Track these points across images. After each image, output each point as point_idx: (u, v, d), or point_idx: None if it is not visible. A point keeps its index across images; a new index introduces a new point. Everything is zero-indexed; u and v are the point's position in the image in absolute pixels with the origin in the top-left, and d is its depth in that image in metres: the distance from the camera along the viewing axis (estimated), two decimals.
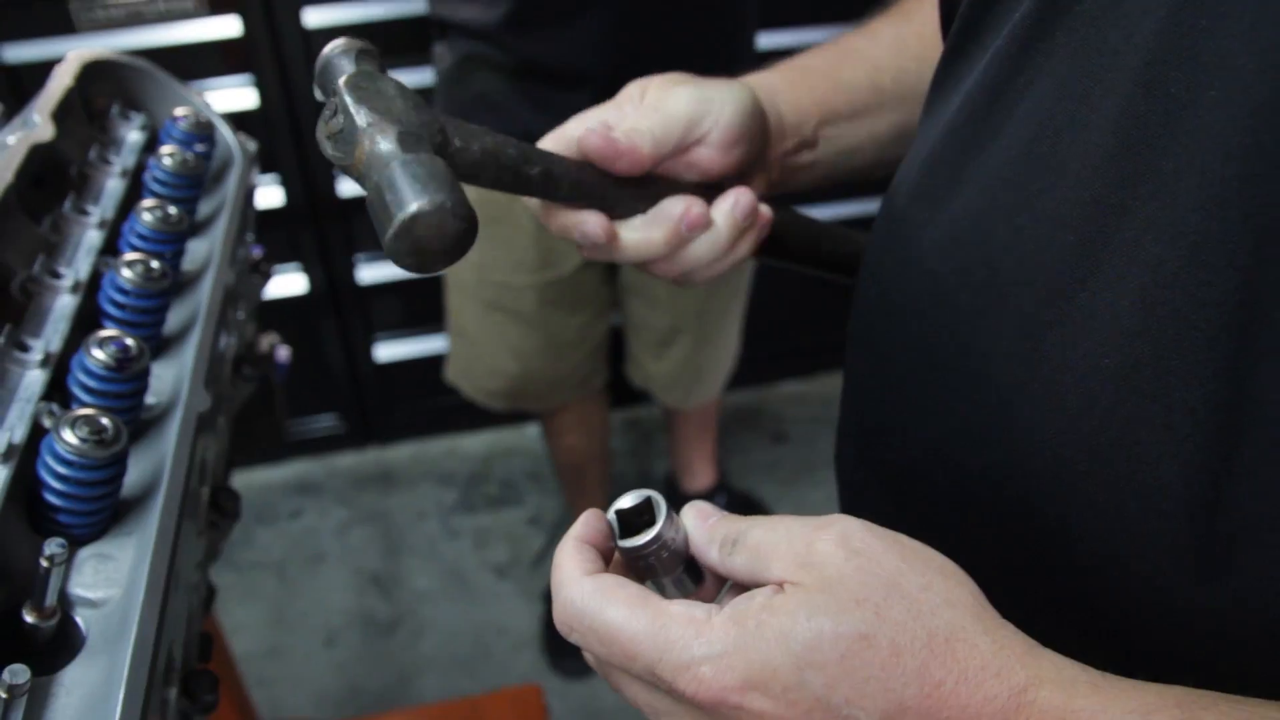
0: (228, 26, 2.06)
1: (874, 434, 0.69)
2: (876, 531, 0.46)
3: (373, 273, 2.40)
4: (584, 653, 0.51)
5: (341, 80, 0.64)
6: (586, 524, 0.52)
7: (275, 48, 2.09)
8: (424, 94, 0.68)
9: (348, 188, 2.27)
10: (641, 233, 0.73)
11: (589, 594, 0.48)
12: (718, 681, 0.44)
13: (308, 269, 2.37)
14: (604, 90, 1.59)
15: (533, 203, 0.75)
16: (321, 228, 2.31)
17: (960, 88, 0.59)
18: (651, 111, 0.72)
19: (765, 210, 0.76)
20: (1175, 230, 0.44)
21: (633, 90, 0.76)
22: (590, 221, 0.72)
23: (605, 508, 2.05)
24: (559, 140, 0.73)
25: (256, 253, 1.05)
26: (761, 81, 0.79)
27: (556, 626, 0.50)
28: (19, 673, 0.48)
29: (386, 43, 2.19)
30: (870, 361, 0.69)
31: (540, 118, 1.58)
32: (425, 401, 2.67)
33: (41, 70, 2.08)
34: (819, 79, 0.81)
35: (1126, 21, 0.47)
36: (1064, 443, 0.51)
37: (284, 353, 1.21)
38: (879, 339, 0.67)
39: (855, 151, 0.84)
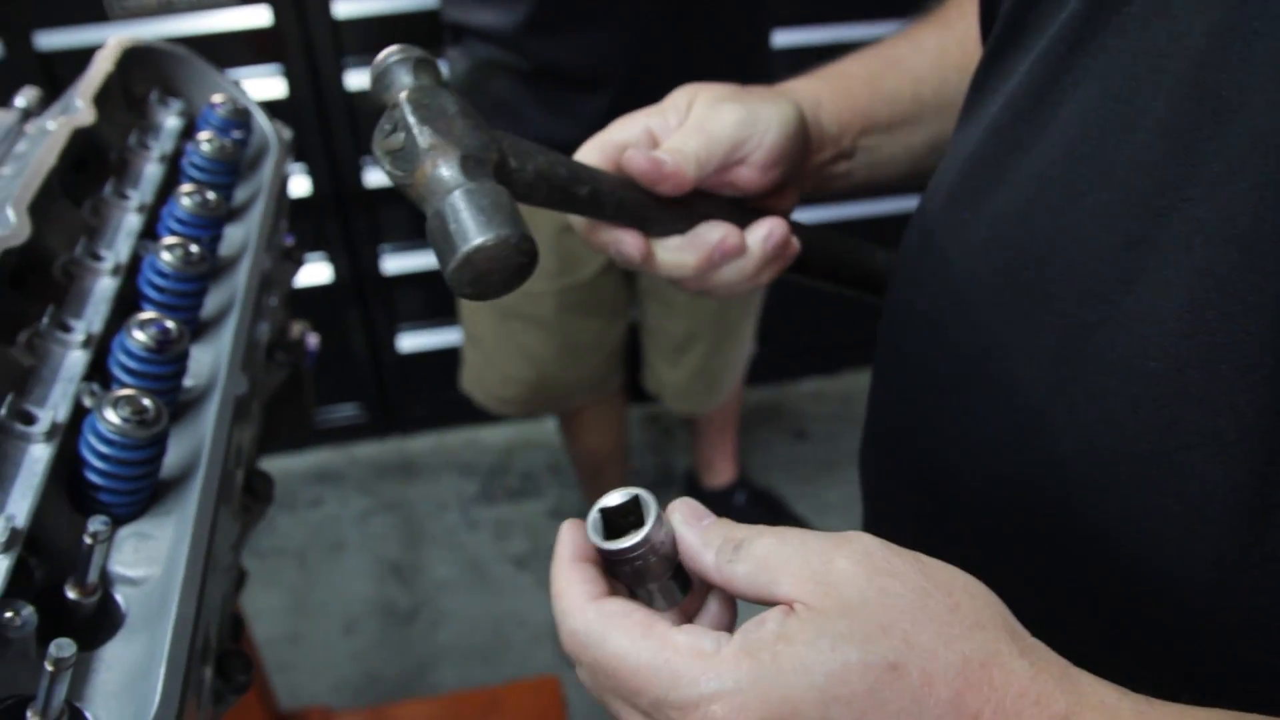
0: (258, 16, 2.07)
1: (903, 436, 0.69)
2: (898, 550, 0.44)
3: (397, 263, 2.41)
4: (586, 684, 0.49)
5: (403, 95, 0.63)
6: (574, 539, 0.49)
7: (305, 38, 2.10)
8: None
9: (374, 178, 2.28)
10: (676, 255, 0.74)
11: (592, 621, 0.45)
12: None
13: (333, 258, 2.38)
14: (622, 93, 1.60)
15: (575, 219, 0.75)
16: (347, 217, 2.33)
17: (1002, 88, 0.59)
18: (697, 131, 0.72)
19: (795, 243, 0.77)
20: (1225, 233, 0.44)
21: (679, 99, 0.76)
22: (628, 241, 0.73)
23: None
24: (603, 145, 0.73)
25: (288, 240, 1.06)
26: (806, 92, 0.78)
27: (565, 653, 0.48)
28: (65, 646, 0.48)
29: (417, 36, 2.20)
30: (902, 363, 0.68)
31: (558, 122, 1.58)
32: (447, 392, 2.67)
33: (74, 57, 2.10)
34: (862, 88, 0.81)
35: (1176, 23, 0.47)
36: (1105, 446, 0.50)
37: (313, 340, 1.22)
38: (913, 340, 0.67)
39: (890, 162, 0.84)
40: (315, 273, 2.38)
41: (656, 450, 2.68)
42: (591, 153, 0.73)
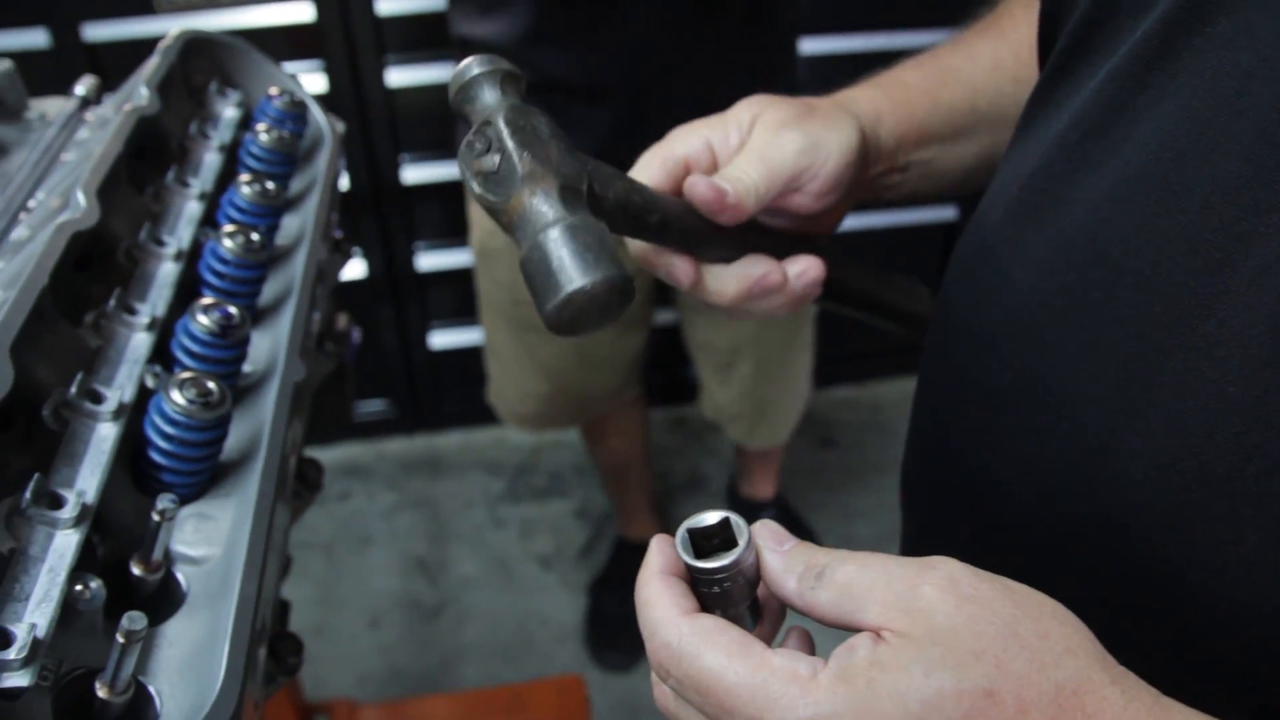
0: (301, 12, 2.09)
1: (952, 451, 0.68)
2: (983, 575, 0.44)
3: (431, 261, 2.43)
4: (660, 702, 0.49)
5: (500, 116, 0.61)
6: (663, 554, 0.48)
7: (347, 35, 2.12)
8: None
9: (411, 175, 2.30)
10: (719, 283, 0.74)
11: (686, 636, 0.44)
12: None
13: (368, 254, 2.40)
14: (625, 106, 1.58)
15: (633, 243, 0.74)
16: (383, 214, 2.34)
17: (1068, 105, 0.58)
18: (759, 161, 0.71)
19: (819, 288, 0.77)
20: None
21: (742, 114, 0.75)
22: (680, 266, 0.73)
23: (648, 507, 2.07)
24: (665, 159, 0.73)
25: (337, 233, 1.07)
26: (867, 106, 0.78)
27: (652, 667, 0.47)
28: (136, 619, 0.49)
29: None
30: (954, 377, 0.67)
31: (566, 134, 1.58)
32: (476, 390, 2.68)
33: (119, 49, 2.12)
34: (920, 100, 0.80)
35: (1262, 45, 0.46)
36: (1177, 471, 0.49)
37: (356, 334, 1.23)
38: (967, 355, 0.65)
39: (942, 174, 0.83)
40: (349, 268, 2.39)
41: (684, 454, 2.68)
42: (653, 163, 0.73)
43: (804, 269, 0.75)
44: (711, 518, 0.47)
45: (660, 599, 0.46)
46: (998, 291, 0.62)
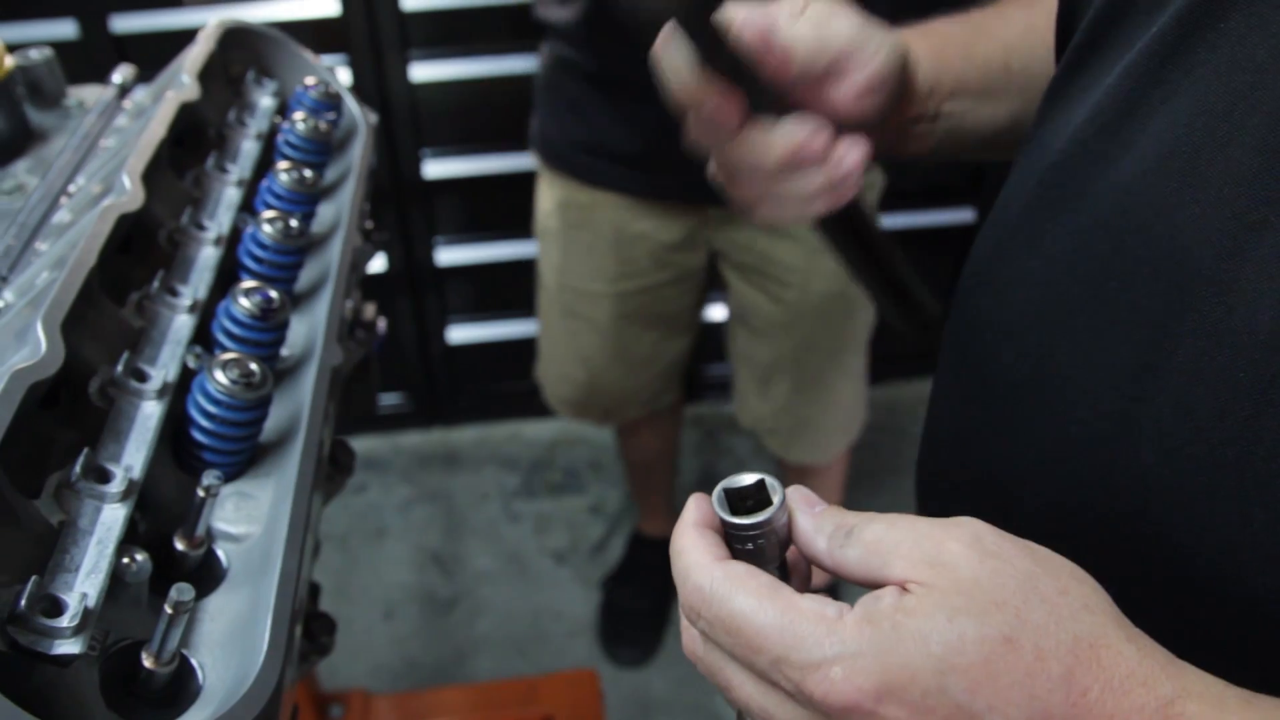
0: (326, 6, 2.11)
1: (970, 440, 0.68)
2: (1006, 535, 0.45)
3: (451, 255, 2.44)
4: (688, 647, 0.50)
5: None
6: (700, 509, 0.50)
7: (371, 29, 2.13)
8: (512, 82, 0.67)
9: (433, 170, 2.31)
10: (764, 139, 0.69)
11: (719, 580, 0.46)
12: (850, 684, 0.41)
13: (387, 248, 2.41)
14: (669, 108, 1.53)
15: (681, 65, 0.68)
16: (404, 208, 2.36)
17: (1084, 99, 0.59)
18: (812, 26, 0.69)
19: (857, 181, 0.72)
20: None
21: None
22: (726, 105, 0.68)
23: (668, 506, 2.07)
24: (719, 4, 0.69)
25: (368, 223, 1.08)
26: (908, 43, 0.76)
27: (683, 612, 0.49)
28: (185, 590, 0.50)
29: (485, 30, 2.23)
30: (973, 367, 0.68)
31: (621, 128, 1.59)
32: (493, 386, 2.71)
33: (146, 40, 2.14)
34: (955, 50, 0.79)
35: (1275, 39, 0.47)
36: (1188, 455, 0.51)
37: (382, 325, 1.24)
38: (985, 345, 0.66)
39: (969, 132, 0.82)
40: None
41: (699, 453, 2.69)
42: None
43: (850, 145, 0.70)
44: (748, 479, 0.49)
45: (695, 546, 0.48)
46: (1017, 284, 0.63)
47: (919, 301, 0.86)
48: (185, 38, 0.93)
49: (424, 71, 2.20)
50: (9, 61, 0.93)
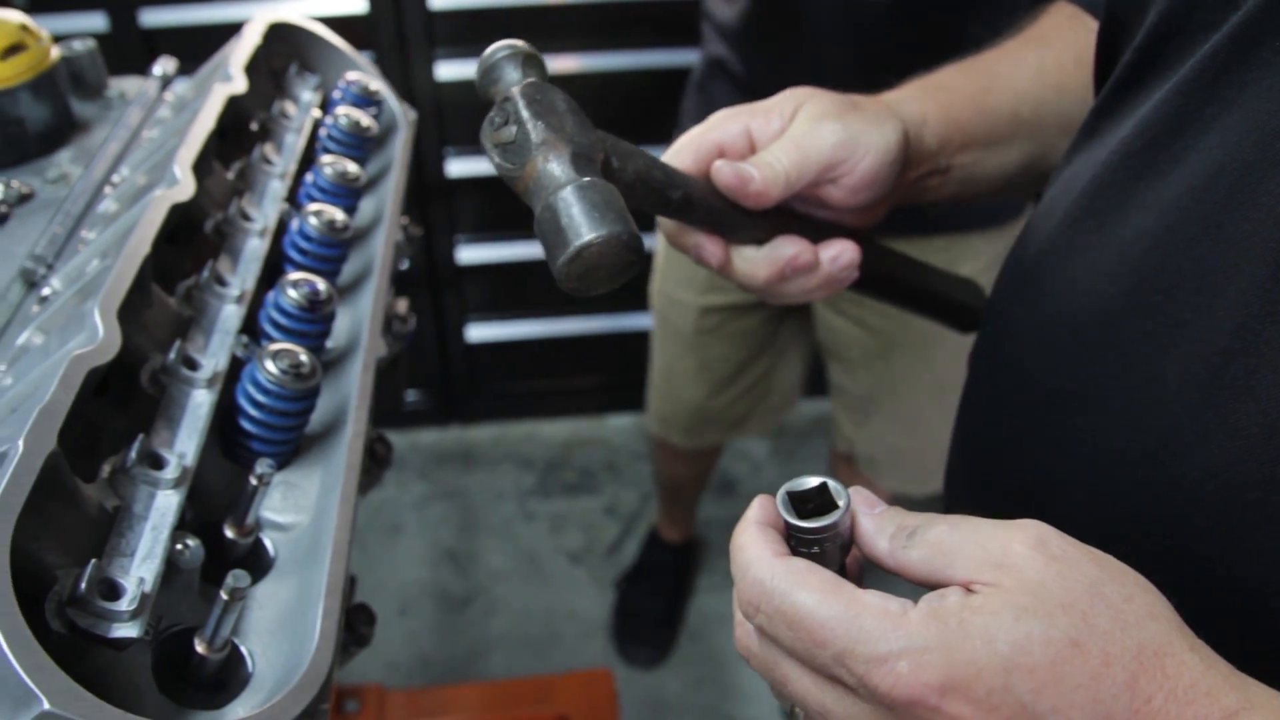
0: (354, 3, 2.12)
1: (1004, 450, 0.68)
2: (1071, 539, 0.45)
3: (471, 254, 2.45)
4: (740, 643, 0.50)
5: (516, 89, 0.64)
6: (764, 509, 0.50)
7: (398, 28, 2.14)
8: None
9: (455, 168, 2.32)
10: (750, 265, 0.75)
11: (780, 575, 0.46)
12: (916, 679, 0.41)
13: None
14: None
15: (665, 221, 0.75)
16: (426, 205, 2.36)
17: (1133, 115, 0.59)
18: (793, 148, 0.72)
19: (855, 272, 0.77)
20: None
21: (785, 103, 0.75)
22: (709, 247, 0.74)
23: (689, 516, 2.07)
24: (699, 145, 0.73)
25: (403, 219, 1.08)
26: (913, 109, 0.78)
27: (740, 607, 0.49)
28: (241, 578, 0.51)
29: (511, 30, 2.24)
30: (1009, 378, 0.68)
31: None
32: (510, 385, 2.71)
33: (175, 34, 2.14)
34: (965, 105, 0.81)
35: None
36: (1236, 471, 0.50)
37: (412, 320, 1.25)
38: (1023, 356, 0.66)
39: (982, 179, 0.83)
40: None
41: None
42: (686, 148, 0.73)
43: (838, 252, 0.75)
44: (810, 482, 0.49)
45: (756, 542, 0.48)
46: (1057, 295, 0.63)
47: (960, 304, 0.88)
48: (214, 32, 0.94)
49: (449, 70, 2.20)
50: (54, 52, 0.93)
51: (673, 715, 2.14)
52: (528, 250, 2.45)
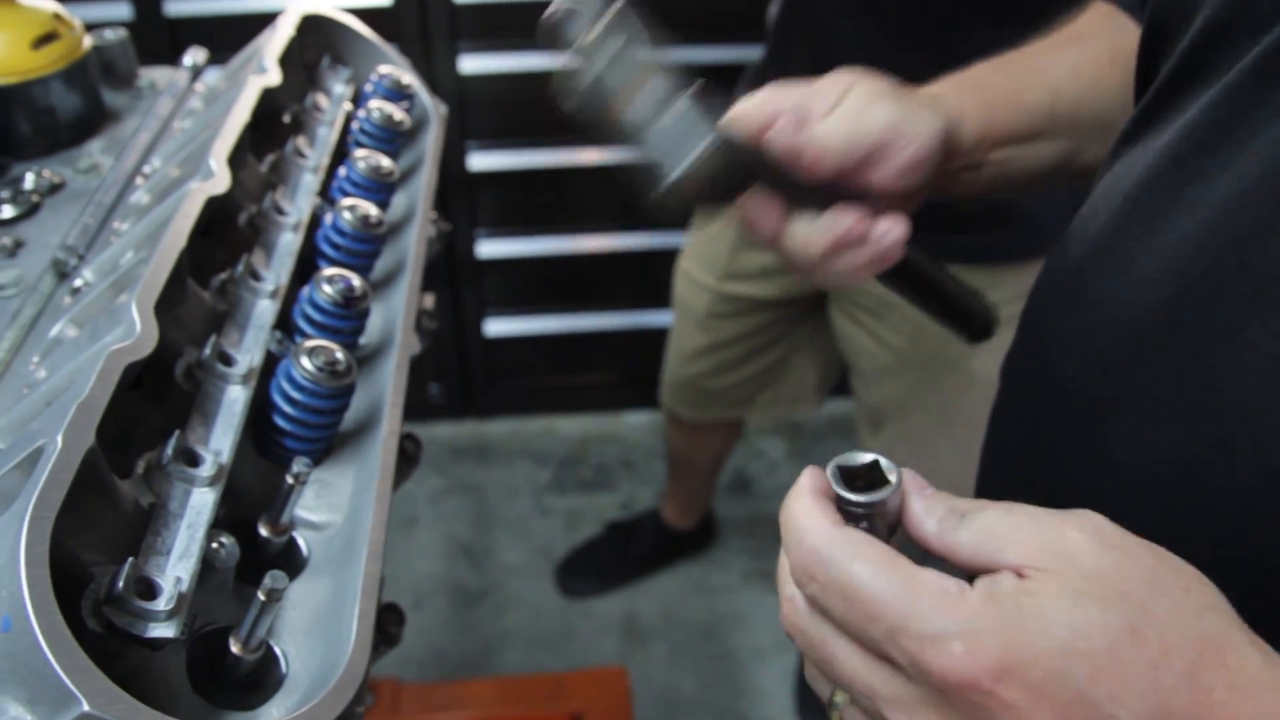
0: None
1: (1044, 457, 0.67)
2: (1126, 531, 0.44)
3: (491, 248, 2.44)
4: (787, 618, 0.49)
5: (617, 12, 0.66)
6: (816, 478, 0.48)
7: (422, 21, 2.14)
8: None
9: (477, 161, 2.31)
10: (807, 233, 0.73)
11: (838, 543, 0.44)
12: (972, 659, 0.40)
13: None
14: None
15: None
16: (446, 199, 2.36)
17: (1178, 119, 0.59)
18: (846, 123, 0.71)
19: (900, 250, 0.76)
20: None
21: (834, 85, 0.75)
22: (765, 210, 0.73)
23: (690, 512, 2.06)
24: (755, 105, 0.72)
25: (432, 214, 1.08)
26: (953, 104, 0.78)
27: (792, 574, 0.47)
28: (279, 579, 0.50)
29: (536, 24, 2.22)
30: (1050, 384, 0.67)
31: None
32: (527, 380, 2.71)
33: (199, 24, 2.14)
34: (1003, 101, 0.80)
35: None
36: None
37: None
38: (1064, 363, 0.65)
39: (1015, 175, 0.83)
40: None
41: (732, 455, 2.68)
42: (740, 118, 0.72)
43: (890, 226, 0.73)
44: (863, 457, 0.48)
45: (812, 510, 0.46)
46: (1100, 301, 0.62)
47: (972, 311, 0.88)
48: (239, 22, 0.93)
49: (473, 64, 2.20)
50: (86, 41, 0.93)
51: (686, 714, 2.13)
52: (549, 246, 2.44)
